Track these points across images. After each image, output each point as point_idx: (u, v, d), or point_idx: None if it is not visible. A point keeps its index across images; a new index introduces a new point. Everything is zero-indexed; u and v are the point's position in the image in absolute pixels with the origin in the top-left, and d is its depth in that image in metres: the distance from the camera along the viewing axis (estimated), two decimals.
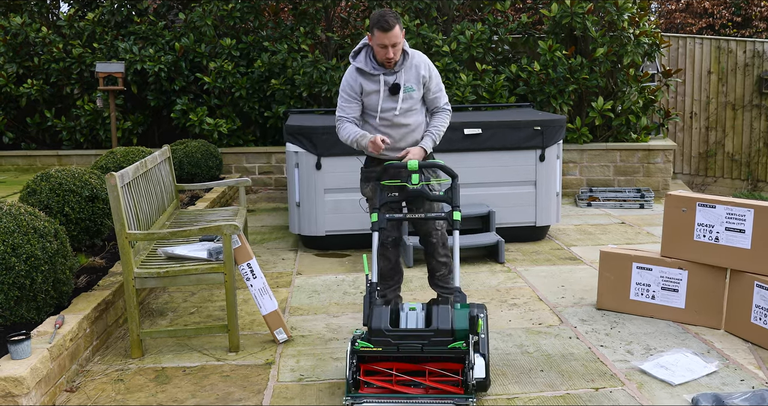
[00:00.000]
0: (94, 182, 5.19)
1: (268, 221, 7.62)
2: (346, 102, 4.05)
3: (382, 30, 3.82)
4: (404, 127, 4.04)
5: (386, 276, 4.28)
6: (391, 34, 3.83)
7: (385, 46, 3.86)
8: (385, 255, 4.21)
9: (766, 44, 10.36)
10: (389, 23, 3.81)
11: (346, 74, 4.06)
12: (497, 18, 9.16)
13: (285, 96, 9.15)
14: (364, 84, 3.99)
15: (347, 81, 4.04)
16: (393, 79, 3.99)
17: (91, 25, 9.45)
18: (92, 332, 3.99)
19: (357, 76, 4.01)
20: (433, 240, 4.20)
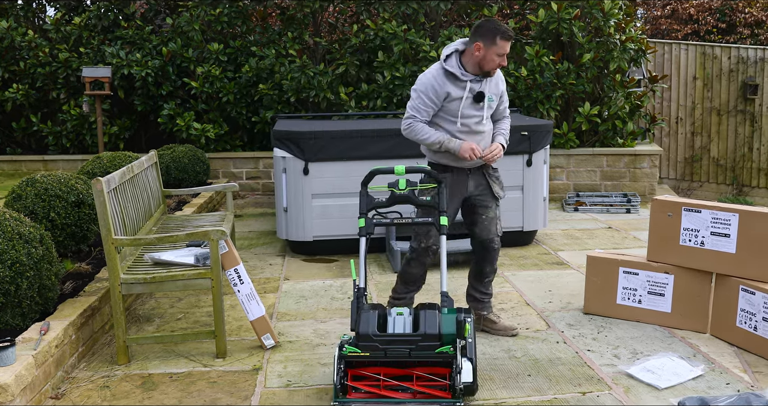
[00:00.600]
0: (80, 188, 5.16)
1: (255, 226, 7.60)
2: (424, 105, 3.99)
3: (508, 39, 3.89)
4: (480, 134, 4.08)
5: (415, 281, 4.28)
6: (509, 45, 3.94)
7: (502, 55, 3.93)
8: (422, 261, 4.18)
9: (750, 50, 10.45)
10: (512, 31, 3.92)
11: (430, 77, 3.99)
12: None
13: (273, 101, 9.14)
14: (450, 89, 3.96)
15: (432, 83, 3.97)
16: (478, 88, 4.00)
17: (78, 30, 9.40)
18: (78, 339, 3.96)
19: (445, 80, 3.96)
20: (495, 246, 4.23)
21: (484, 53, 3.92)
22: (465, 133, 4.03)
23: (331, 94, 8.91)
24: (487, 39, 3.90)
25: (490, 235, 4.20)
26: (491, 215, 4.21)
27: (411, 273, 4.24)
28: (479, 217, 4.21)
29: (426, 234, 4.13)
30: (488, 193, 4.20)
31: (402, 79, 8.77)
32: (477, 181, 4.17)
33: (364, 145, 6.00)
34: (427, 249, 4.14)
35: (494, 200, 4.22)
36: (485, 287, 4.33)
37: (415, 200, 3.73)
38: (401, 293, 4.31)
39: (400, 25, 8.91)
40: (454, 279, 5.48)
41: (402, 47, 8.76)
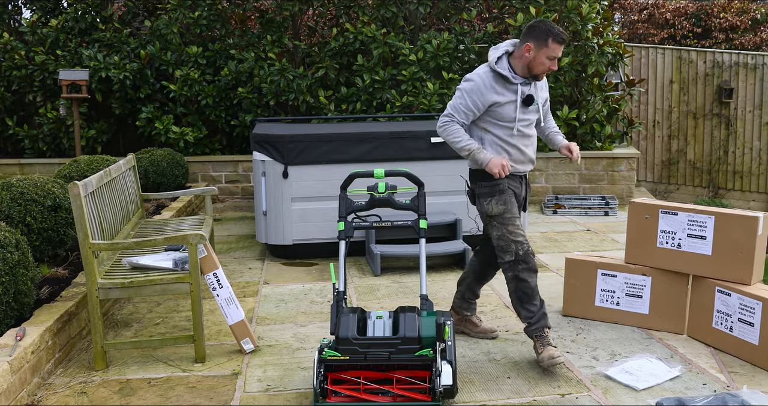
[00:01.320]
0: (57, 192, 5.11)
1: (234, 230, 7.57)
2: (465, 107, 3.81)
3: (560, 42, 3.76)
4: (529, 138, 3.95)
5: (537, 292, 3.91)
6: (562, 48, 3.81)
7: (553, 59, 3.78)
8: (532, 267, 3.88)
9: (725, 55, 10.58)
10: (565, 34, 3.79)
11: (478, 78, 3.81)
12: (464, 27, 9.23)
13: (252, 104, 9.12)
14: (496, 95, 3.79)
15: (479, 87, 3.79)
16: (528, 91, 3.87)
17: (55, 32, 9.32)
18: (55, 344, 3.92)
19: (493, 84, 3.79)
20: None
21: (535, 55, 3.77)
22: (519, 137, 3.88)
23: (310, 97, 8.91)
24: (539, 40, 3.75)
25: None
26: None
27: (529, 287, 3.85)
28: None
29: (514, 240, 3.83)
30: (521, 204, 4.06)
31: (381, 83, 8.78)
32: (525, 191, 4.06)
33: (343, 149, 6.00)
34: (528, 253, 3.85)
35: (521, 212, 4.06)
36: (479, 289, 4.28)
37: (394, 203, 3.74)
38: (534, 311, 3.86)
39: (379, 29, 8.93)
40: (434, 282, 5.49)
41: (381, 51, 8.78)
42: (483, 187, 3.90)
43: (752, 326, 3.83)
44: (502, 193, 3.87)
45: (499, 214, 3.86)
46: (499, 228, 3.87)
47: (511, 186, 3.92)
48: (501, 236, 3.86)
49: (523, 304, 3.87)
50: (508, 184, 3.91)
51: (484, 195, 3.90)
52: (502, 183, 3.86)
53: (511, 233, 3.84)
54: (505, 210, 3.86)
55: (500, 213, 3.86)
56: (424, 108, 8.59)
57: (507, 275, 3.88)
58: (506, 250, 3.85)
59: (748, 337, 3.86)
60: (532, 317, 3.85)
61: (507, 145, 3.88)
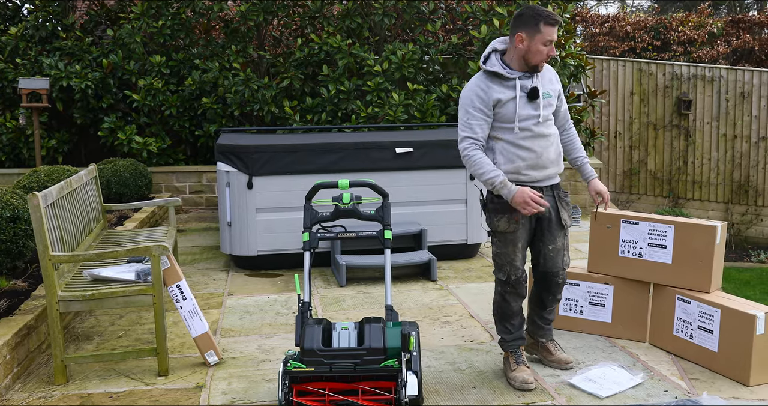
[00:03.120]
0: (16, 202, 5.02)
1: (198, 241, 7.50)
2: (474, 119, 3.55)
3: (554, 23, 3.48)
4: (546, 138, 3.61)
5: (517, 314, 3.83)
6: (557, 30, 3.52)
7: (550, 43, 3.49)
8: (520, 293, 3.76)
9: (683, 67, 10.81)
10: (557, 15, 3.50)
11: (472, 85, 3.58)
12: (428, 39, 9.30)
13: (216, 115, 9.06)
14: (497, 92, 3.54)
15: (475, 91, 3.55)
16: (530, 84, 3.58)
17: (14, 40, 9.18)
18: (13, 359, 3.84)
19: (489, 84, 3.55)
20: (559, 281, 3.82)
21: (528, 44, 3.50)
22: (528, 139, 3.57)
23: (275, 107, 8.88)
24: (529, 27, 3.49)
25: (555, 268, 3.78)
26: (558, 245, 3.75)
27: (511, 309, 3.79)
28: (545, 247, 3.76)
29: (511, 264, 3.68)
30: (556, 220, 3.73)
31: (347, 93, 8.80)
32: (550, 203, 3.71)
33: (308, 159, 5.99)
34: (519, 280, 3.71)
35: (561, 228, 3.75)
36: (547, 313, 3.97)
37: (359, 214, 3.74)
38: (511, 329, 3.82)
39: (344, 40, 8.95)
40: (399, 292, 5.50)
41: (346, 61, 8.80)
42: (496, 203, 3.66)
43: (711, 333, 3.90)
44: (515, 209, 3.59)
45: (504, 231, 3.66)
46: (500, 246, 3.70)
47: None
48: (499, 253, 3.72)
49: (501, 320, 3.85)
50: None
51: (495, 211, 3.67)
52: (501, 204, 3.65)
53: (510, 254, 3.68)
54: (515, 229, 3.65)
55: (506, 231, 3.66)
56: (390, 119, 8.62)
57: (495, 289, 3.84)
58: (500, 269, 3.74)
59: (707, 344, 3.93)
60: (508, 333, 3.84)
61: (518, 148, 3.58)
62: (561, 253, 3.78)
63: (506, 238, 3.67)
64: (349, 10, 9.12)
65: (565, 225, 3.75)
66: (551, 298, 3.89)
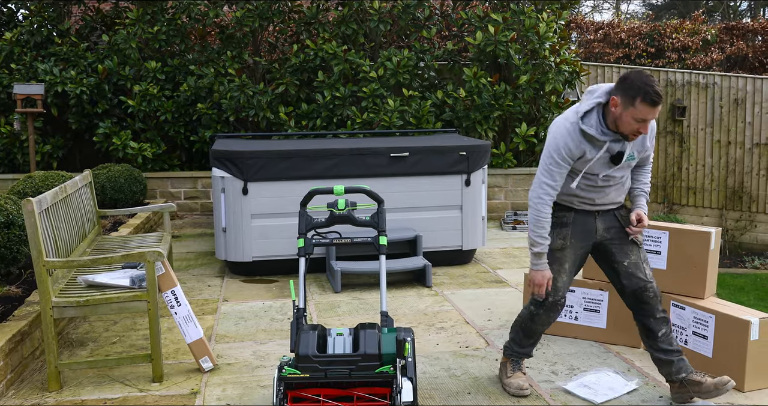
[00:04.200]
0: (11, 208, 5.01)
1: (193, 247, 7.49)
2: (557, 166, 3.40)
3: (652, 104, 3.18)
4: (602, 191, 3.54)
5: (538, 334, 3.76)
6: (656, 110, 3.21)
7: (644, 121, 3.24)
8: (550, 317, 3.65)
9: (677, 74, 10.85)
10: (659, 95, 3.17)
11: (566, 134, 3.37)
12: (423, 45, 9.32)
13: (211, 120, 9.06)
14: (585, 149, 3.38)
15: (568, 143, 3.36)
16: (619, 147, 3.40)
17: (9, 45, 9.16)
18: (6, 365, 3.83)
19: (581, 141, 3.36)
20: (650, 294, 3.53)
21: (621, 112, 3.26)
22: (588, 190, 3.52)
23: (270, 113, 8.89)
24: (626, 96, 3.22)
25: (640, 282, 3.54)
26: (633, 259, 3.57)
27: (534, 329, 3.71)
28: (620, 265, 3.57)
29: (554, 287, 3.57)
30: (623, 236, 3.59)
31: (342, 99, 8.81)
32: (607, 224, 3.60)
33: (303, 165, 5.99)
34: (556, 304, 3.60)
35: (632, 243, 3.59)
36: (666, 343, 3.55)
37: (354, 220, 3.74)
38: (524, 344, 3.77)
39: (340, 46, 8.97)
40: (394, 298, 5.50)
41: (342, 67, 8.81)
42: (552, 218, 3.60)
43: (706, 338, 3.91)
44: (564, 226, 3.55)
45: (555, 249, 3.57)
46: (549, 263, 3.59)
47: (581, 222, 3.58)
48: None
49: (519, 332, 3.78)
50: (579, 219, 3.57)
51: None
52: (567, 216, 3.57)
53: (553, 273, 3.58)
54: (563, 246, 3.56)
55: (557, 248, 3.57)
56: (385, 125, 8.63)
57: (527, 306, 3.72)
58: None
59: (702, 349, 3.93)
60: (519, 346, 3.79)
61: (574, 195, 3.56)
62: (641, 266, 3.56)
63: (553, 255, 3.58)
64: (344, 17, 9.14)
65: (637, 242, 3.59)
66: (653, 319, 3.54)
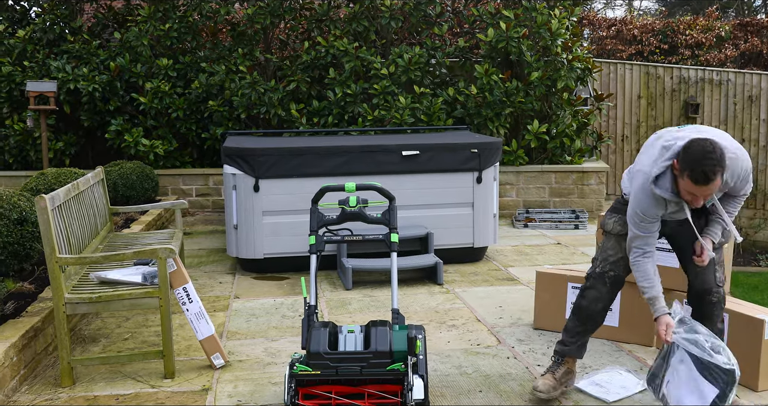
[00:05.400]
0: (24, 205, 5.03)
1: (205, 243, 7.51)
2: (642, 230, 3.31)
3: (696, 182, 3.02)
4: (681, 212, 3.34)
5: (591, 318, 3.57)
6: (706, 188, 3.03)
7: (693, 195, 3.11)
8: (599, 290, 3.53)
9: (691, 71, 10.78)
10: (708, 177, 2.98)
11: (644, 196, 3.24)
12: (435, 42, 9.30)
13: (223, 117, 9.08)
14: (669, 208, 3.26)
15: (649, 205, 3.25)
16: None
17: (22, 43, 9.21)
18: (20, 361, 3.85)
19: (659, 202, 3.24)
20: (713, 299, 3.45)
21: (678, 178, 3.12)
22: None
23: (281, 110, 8.89)
24: (682, 165, 3.06)
25: (705, 285, 3.45)
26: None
27: (584, 307, 3.57)
28: (691, 262, 3.47)
29: (604, 259, 3.54)
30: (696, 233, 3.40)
31: (353, 97, 8.80)
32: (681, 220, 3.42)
33: (315, 162, 5.99)
34: (603, 275, 3.53)
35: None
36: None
37: (365, 217, 3.73)
38: (572, 333, 3.62)
39: (351, 43, 8.96)
40: (405, 296, 5.49)
41: (353, 64, 8.80)
42: (619, 203, 3.59)
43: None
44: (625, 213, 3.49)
45: (610, 232, 3.56)
46: (605, 241, 3.59)
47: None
48: (603, 247, 3.60)
49: (572, 316, 3.65)
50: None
51: (613, 209, 3.61)
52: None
53: (608, 249, 3.57)
54: (620, 232, 3.51)
55: (611, 232, 3.56)
56: (396, 122, 8.62)
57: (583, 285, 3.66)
58: (592, 263, 3.63)
59: None
60: (562, 335, 3.68)
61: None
62: (711, 268, 3.45)
63: (613, 237, 3.56)
64: (355, 14, 9.13)
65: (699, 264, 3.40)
66: (710, 325, 3.45)
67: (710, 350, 3.19)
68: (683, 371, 3.23)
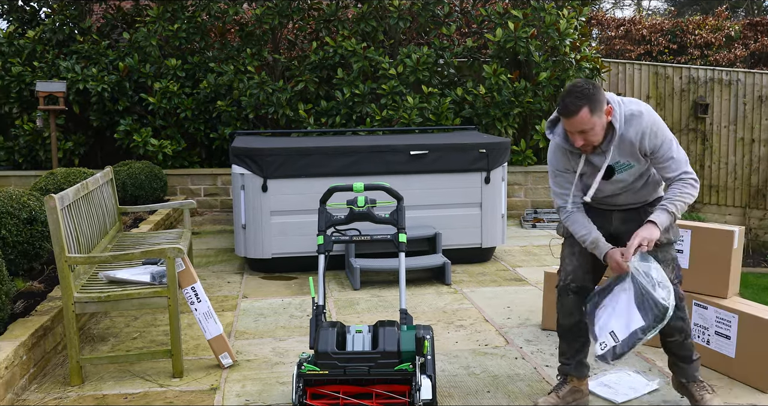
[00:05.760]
0: (33, 204, 5.05)
1: (213, 243, 7.52)
2: (558, 186, 3.34)
3: (561, 114, 3.08)
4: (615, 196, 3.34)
5: (570, 332, 3.48)
6: (574, 120, 3.03)
7: (572, 133, 3.11)
8: (564, 304, 3.44)
9: (700, 71, 10.74)
10: (568, 108, 3.03)
11: (549, 152, 3.35)
12: (443, 42, 9.29)
13: (231, 117, 9.10)
14: (573, 163, 3.27)
15: (552, 160, 3.33)
16: (602, 161, 3.20)
17: (32, 43, 9.25)
18: (29, 360, 3.86)
19: (562, 154, 3.28)
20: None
21: None
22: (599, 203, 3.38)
23: (290, 110, 8.90)
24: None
25: None
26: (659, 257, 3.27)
27: (562, 325, 3.48)
28: None
29: (564, 269, 3.46)
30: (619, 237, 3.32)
31: (361, 97, 8.80)
32: (626, 216, 3.38)
33: (323, 162, 6.00)
34: (566, 288, 3.43)
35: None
36: (671, 344, 3.39)
37: (373, 217, 3.73)
38: (567, 355, 3.51)
39: (359, 43, 8.96)
40: (413, 296, 5.49)
41: (361, 65, 8.81)
42: None
43: (728, 338, 3.86)
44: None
45: (566, 236, 3.50)
46: (563, 250, 3.53)
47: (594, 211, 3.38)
48: (561, 257, 3.54)
49: (560, 341, 3.55)
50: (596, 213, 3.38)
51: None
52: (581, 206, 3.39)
53: (565, 257, 3.49)
54: (568, 234, 3.45)
55: (568, 235, 3.48)
56: (404, 122, 8.62)
57: None
58: (558, 272, 3.54)
59: (724, 350, 3.89)
60: (560, 351, 3.56)
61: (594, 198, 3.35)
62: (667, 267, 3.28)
63: (566, 241, 3.52)
64: (363, 14, 9.13)
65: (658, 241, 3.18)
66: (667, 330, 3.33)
67: (656, 282, 3.09)
68: (623, 300, 3.17)
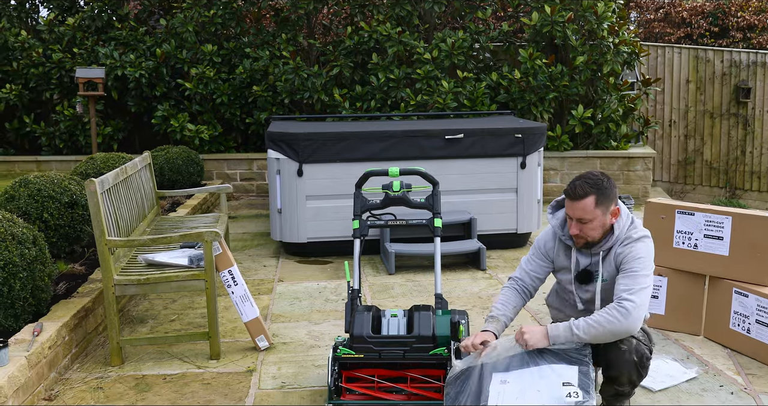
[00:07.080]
0: (74, 188, 5.14)
1: (249, 227, 7.59)
2: (526, 260, 3.25)
3: (567, 195, 2.95)
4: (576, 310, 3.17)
5: None
6: (577, 205, 2.90)
7: (572, 219, 2.96)
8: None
9: (742, 54, 10.50)
10: (575, 191, 2.90)
11: (543, 232, 3.24)
12: (478, 26, 9.20)
13: (267, 102, 9.14)
14: (557, 252, 3.15)
15: (540, 238, 3.22)
16: (587, 263, 3.05)
17: (71, 30, 9.38)
18: (71, 340, 3.95)
19: (551, 238, 3.17)
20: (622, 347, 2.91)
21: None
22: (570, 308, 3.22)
23: (325, 95, 8.91)
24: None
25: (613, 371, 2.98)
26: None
27: None
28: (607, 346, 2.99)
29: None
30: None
31: (396, 81, 8.77)
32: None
33: (358, 147, 6.00)
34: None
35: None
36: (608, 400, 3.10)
37: (409, 202, 3.73)
38: None
39: (394, 28, 8.92)
40: (448, 281, 5.48)
41: (396, 49, 8.77)
42: None
43: None
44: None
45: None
46: None
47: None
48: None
49: None
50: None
51: None
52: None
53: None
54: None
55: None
56: (439, 107, 8.58)
57: None
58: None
59: (765, 338, 3.82)
60: None
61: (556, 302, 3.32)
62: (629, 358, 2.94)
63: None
64: None
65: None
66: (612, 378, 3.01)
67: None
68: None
